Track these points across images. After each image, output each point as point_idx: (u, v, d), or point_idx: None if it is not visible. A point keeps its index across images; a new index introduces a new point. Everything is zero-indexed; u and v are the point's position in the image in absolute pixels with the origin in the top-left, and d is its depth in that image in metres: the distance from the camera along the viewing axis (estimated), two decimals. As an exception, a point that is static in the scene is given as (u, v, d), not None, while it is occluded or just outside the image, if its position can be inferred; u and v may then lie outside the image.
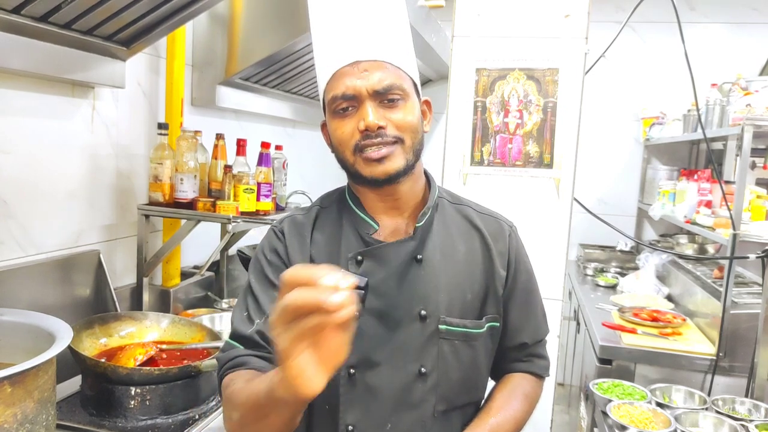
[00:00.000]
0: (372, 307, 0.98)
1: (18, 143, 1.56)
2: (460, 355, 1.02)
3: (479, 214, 1.12)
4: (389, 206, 1.04)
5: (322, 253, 1.04)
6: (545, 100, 2.02)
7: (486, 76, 2.06)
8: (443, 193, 1.13)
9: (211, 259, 1.95)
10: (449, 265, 1.04)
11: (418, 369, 0.99)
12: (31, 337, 1.17)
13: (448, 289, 1.03)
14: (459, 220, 1.10)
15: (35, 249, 1.63)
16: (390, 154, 0.96)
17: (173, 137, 1.96)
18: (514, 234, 1.13)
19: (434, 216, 1.07)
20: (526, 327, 1.14)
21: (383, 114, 0.96)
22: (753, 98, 2.52)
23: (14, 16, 1.36)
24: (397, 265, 1.00)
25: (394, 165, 0.96)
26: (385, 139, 0.95)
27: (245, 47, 2.19)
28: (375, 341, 0.99)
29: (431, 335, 1.00)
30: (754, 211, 2.44)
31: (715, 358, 2.29)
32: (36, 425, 1.03)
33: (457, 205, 1.12)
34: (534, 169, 2.04)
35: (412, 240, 1.02)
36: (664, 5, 2.27)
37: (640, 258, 3.48)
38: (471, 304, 1.05)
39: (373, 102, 0.96)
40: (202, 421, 1.42)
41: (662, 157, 3.97)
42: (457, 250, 1.06)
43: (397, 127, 0.96)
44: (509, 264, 1.10)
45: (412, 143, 0.98)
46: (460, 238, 1.08)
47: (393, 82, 0.96)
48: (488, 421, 1.04)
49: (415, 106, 1.00)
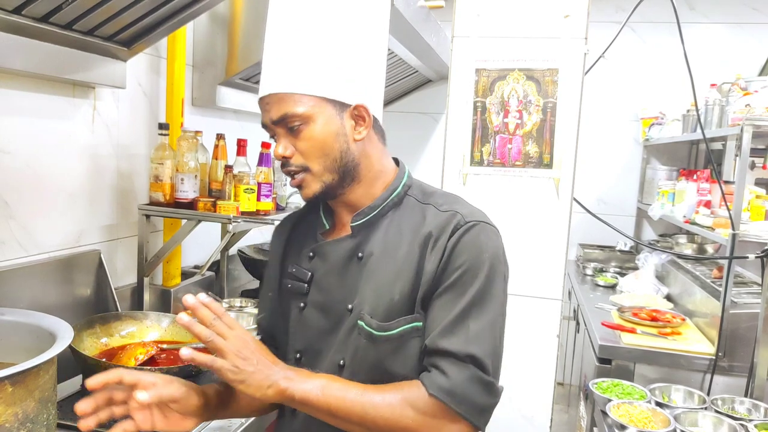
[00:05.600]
0: (314, 300, 1.09)
1: (19, 143, 1.56)
2: (367, 354, 1.02)
3: (438, 212, 1.05)
4: (348, 209, 1.10)
5: (293, 250, 1.15)
6: (545, 100, 2.02)
7: (486, 77, 2.07)
8: (414, 192, 1.10)
9: (211, 259, 1.95)
10: (387, 264, 1.03)
11: (339, 360, 1.05)
12: (32, 336, 1.17)
13: (377, 288, 1.02)
14: (415, 219, 1.06)
15: (36, 249, 1.63)
16: (302, 181, 1.03)
17: (174, 137, 1.97)
18: (464, 228, 1.01)
19: (389, 214, 1.07)
20: (434, 327, 0.98)
21: (291, 141, 1.02)
22: (752, 98, 2.52)
23: (15, 16, 1.36)
24: (337, 261, 1.07)
25: (310, 190, 1.04)
26: (291, 169, 1.03)
27: (246, 47, 2.19)
28: (317, 331, 1.08)
29: (351, 329, 1.04)
30: (754, 211, 2.44)
31: (715, 357, 2.29)
32: (37, 425, 1.04)
33: (423, 204, 1.08)
34: (534, 170, 2.05)
35: (351, 238, 1.07)
36: (664, 5, 2.27)
37: (639, 258, 3.48)
38: (398, 305, 1.01)
39: (281, 130, 1.02)
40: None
41: (662, 157, 3.97)
42: (398, 250, 1.04)
43: (303, 155, 1.02)
44: (441, 259, 1.00)
45: (324, 167, 1.02)
46: (407, 237, 1.04)
47: (286, 111, 1.00)
48: (329, 379, 0.97)
49: (321, 125, 1.00)
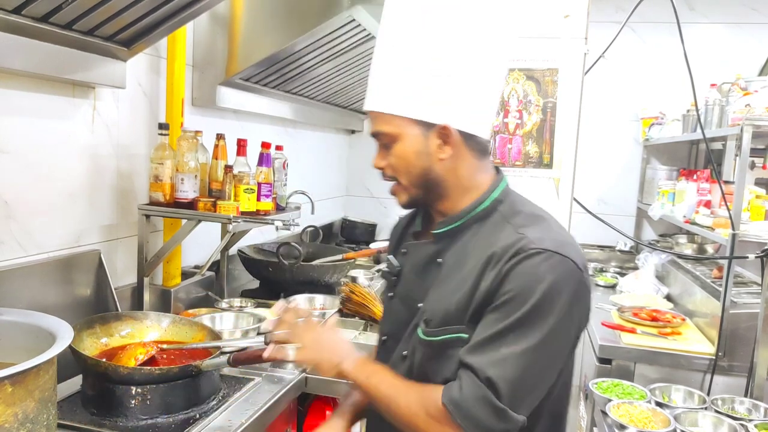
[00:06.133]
0: (400, 292, 1.21)
1: (19, 143, 1.56)
2: (415, 354, 1.13)
3: (513, 232, 1.05)
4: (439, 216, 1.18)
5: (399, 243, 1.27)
6: (545, 100, 2.02)
7: (486, 77, 2.06)
8: (504, 208, 1.11)
9: (211, 259, 1.95)
10: (454, 275, 1.10)
11: (403, 351, 1.16)
12: (32, 336, 1.17)
13: (441, 296, 1.10)
14: (492, 234, 1.08)
15: (36, 249, 1.63)
16: (396, 190, 1.15)
17: (174, 137, 1.97)
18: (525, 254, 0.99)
19: (473, 226, 1.12)
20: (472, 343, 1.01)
21: (384, 155, 1.13)
22: (752, 98, 2.52)
23: (15, 16, 1.36)
24: (419, 262, 1.17)
25: (400, 199, 1.16)
26: (387, 178, 1.15)
27: (246, 47, 2.19)
28: (399, 320, 1.19)
29: (415, 327, 1.14)
30: (753, 211, 2.44)
31: (715, 357, 2.29)
32: (37, 425, 1.04)
33: (505, 222, 1.08)
34: (534, 169, 2.05)
35: (432, 244, 1.16)
36: (664, 5, 2.27)
37: (639, 258, 3.48)
38: (452, 315, 1.06)
39: (378, 143, 1.13)
40: (202, 420, 1.42)
41: (662, 157, 3.97)
42: (468, 261, 1.09)
43: (391, 169, 1.13)
44: (495, 280, 1.01)
45: (409, 182, 1.12)
46: (477, 251, 1.07)
47: (378, 128, 1.11)
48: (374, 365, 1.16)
49: (406, 144, 1.09)
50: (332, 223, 3.87)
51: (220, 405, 1.50)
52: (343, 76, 2.92)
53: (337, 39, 2.38)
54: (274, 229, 2.03)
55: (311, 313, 1.17)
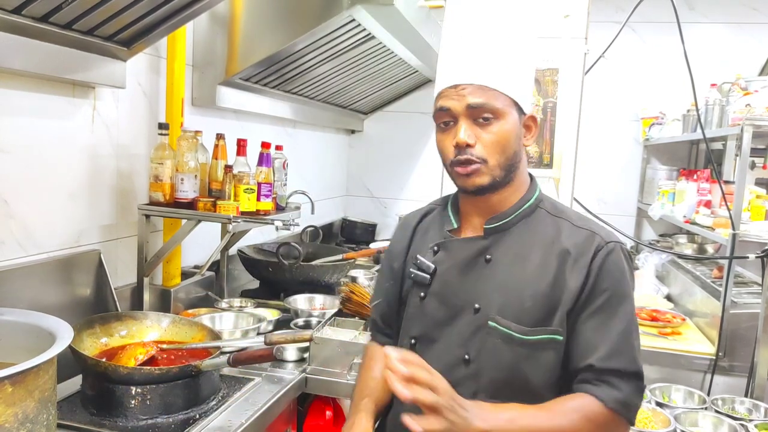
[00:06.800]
0: (436, 291, 1.16)
1: (19, 143, 1.56)
2: (500, 353, 1.10)
3: (574, 227, 1.14)
4: (479, 211, 1.17)
5: (418, 243, 1.25)
6: (545, 100, 2.02)
7: (486, 76, 2.06)
8: (545, 205, 1.18)
9: (211, 259, 1.95)
10: (516, 271, 1.11)
11: (463, 354, 1.12)
12: (32, 336, 1.17)
13: (506, 292, 1.10)
14: (549, 231, 1.13)
15: (36, 249, 1.63)
16: (475, 171, 1.09)
17: (174, 137, 1.97)
18: (605, 250, 1.10)
19: (521, 223, 1.14)
20: (596, 349, 1.07)
21: (475, 132, 1.08)
22: (752, 98, 2.52)
23: (15, 16, 1.36)
24: (464, 259, 1.15)
25: (480, 180, 1.10)
26: (470, 158, 1.08)
27: (246, 47, 2.19)
28: (435, 321, 1.16)
29: (479, 328, 1.11)
30: (754, 211, 2.44)
31: (715, 357, 2.29)
32: (37, 425, 1.04)
33: (555, 218, 1.16)
34: (534, 169, 2.04)
35: (482, 240, 1.15)
36: (664, 5, 2.27)
37: (639, 258, 3.48)
38: (529, 311, 1.09)
39: (467, 120, 1.08)
40: (202, 420, 1.42)
41: (662, 157, 3.97)
42: (530, 258, 1.11)
43: (485, 147, 1.08)
44: (587, 280, 1.08)
45: (498, 163, 1.09)
46: (539, 247, 1.12)
47: (485, 102, 1.07)
48: (511, 407, 1.03)
49: (509, 124, 1.09)
50: (332, 223, 3.87)
51: (220, 405, 1.50)
52: (343, 76, 2.92)
53: (337, 39, 2.38)
54: (274, 229, 2.02)
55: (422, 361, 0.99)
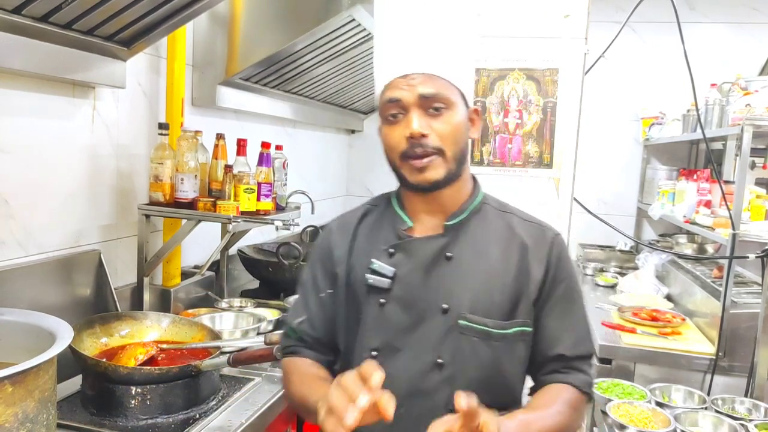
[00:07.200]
0: (397, 296, 1.08)
1: (19, 143, 1.56)
2: (479, 352, 1.07)
3: (523, 221, 1.16)
4: (431, 208, 1.12)
5: (362, 246, 1.15)
6: (545, 100, 2.02)
7: (486, 76, 2.07)
8: (489, 200, 1.18)
9: (211, 259, 1.95)
10: (480, 266, 1.09)
11: (435, 359, 1.06)
12: (32, 336, 1.17)
13: (474, 288, 1.08)
14: (500, 226, 1.14)
15: (36, 249, 1.63)
16: (431, 164, 1.04)
17: (174, 137, 1.96)
18: (557, 242, 1.14)
19: (473, 219, 1.13)
20: (563, 338, 1.12)
21: (428, 123, 1.03)
22: (752, 98, 2.52)
23: (15, 16, 1.36)
24: (425, 259, 1.09)
25: (435, 174, 1.05)
26: (427, 150, 1.03)
27: (245, 47, 2.19)
28: (398, 328, 1.08)
29: (451, 329, 1.06)
30: (754, 211, 2.44)
31: (715, 357, 2.29)
32: (37, 425, 1.04)
33: (503, 213, 1.16)
34: (534, 169, 2.05)
35: (442, 237, 1.10)
36: (664, 5, 2.27)
37: (639, 258, 3.48)
38: (499, 305, 1.08)
39: (418, 110, 1.03)
40: (202, 420, 1.42)
41: (662, 157, 3.97)
42: (490, 253, 1.10)
43: (440, 137, 1.04)
44: (548, 270, 1.11)
45: (453, 153, 1.05)
46: (496, 242, 1.12)
47: (438, 91, 1.03)
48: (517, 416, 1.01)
49: (459, 115, 1.06)
50: (332, 223, 3.86)
51: (220, 405, 1.50)
52: (343, 76, 2.92)
53: (337, 39, 2.38)
54: (274, 229, 2.03)
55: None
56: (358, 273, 1.12)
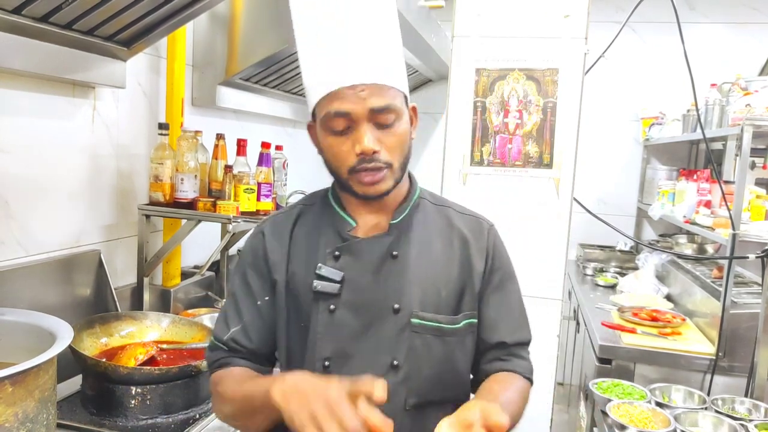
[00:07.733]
0: (348, 301, 1.03)
1: (19, 143, 1.56)
2: (433, 349, 1.05)
3: (459, 214, 1.15)
4: (373, 208, 1.08)
5: (302, 250, 1.09)
6: (545, 100, 2.02)
7: (486, 77, 2.07)
8: (425, 195, 1.16)
9: (211, 259, 1.95)
10: (425, 261, 1.07)
11: (390, 361, 1.02)
12: (32, 336, 1.17)
13: (422, 285, 1.06)
14: (439, 219, 1.13)
15: (36, 249, 1.63)
16: (381, 179, 1.00)
17: (174, 137, 1.97)
18: (492, 232, 1.15)
19: (413, 215, 1.10)
20: (502, 325, 1.12)
21: (378, 136, 0.98)
22: (752, 98, 2.52)
23: (15, 16, 1.36)
24: (373, 260, 1.05)
25: (384, 187, 1.02)
26: (377, 165, 0.99)
27: (246, 47, 2.19)
28: (350, 334, 1.03)
29: (403, 328, 1.03)
30: (754, 211, 2.44)
31: (715, 357, 2.29)
32: (37, 424, 1.04)
33: (439, 206, 1.15)
34: (534, 169, 2.05)
35: (388, 236, 1.06)
36: (664, 5, 2.27)
37: (639, 258, 3.48)
38: (446, 300, 1.07)
39: (368, 124, 0.98)
40: (202, 420, 1.42)
41: (662, 157, 3.97)
42: (433, 247, 1.09)
43: (389, 151, 1.00)
44: (487, 260, 1.12)
45: (400, 164, 1.03)
46: (438, 236, 1.11)
47: (389, 102, 0.98)
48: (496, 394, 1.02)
49: (405, 122, 1.03)
50: (332, 223, 3.87)
51: (220, 405, 1.50)
52: (343, 76, 2.91)
53: (337, 39, 2.37)
54: (274, 229, 2.02)
55: None
56: (300, 279, 1.06)
